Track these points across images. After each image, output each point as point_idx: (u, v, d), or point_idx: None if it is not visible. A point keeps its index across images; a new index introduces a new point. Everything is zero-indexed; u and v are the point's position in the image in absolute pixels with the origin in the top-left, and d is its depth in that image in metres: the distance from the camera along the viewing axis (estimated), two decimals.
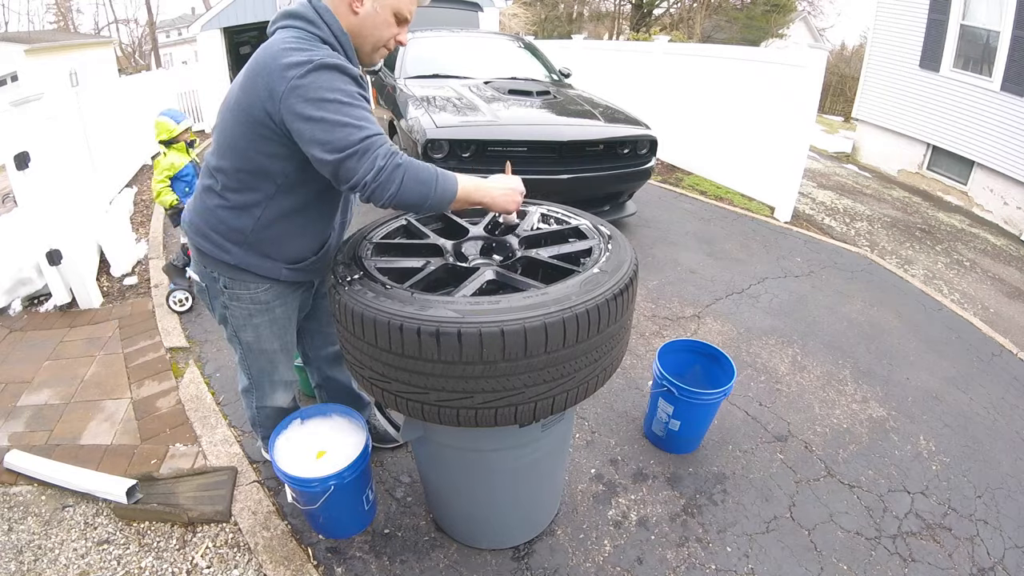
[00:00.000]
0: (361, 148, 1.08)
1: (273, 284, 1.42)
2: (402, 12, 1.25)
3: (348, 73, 1.14)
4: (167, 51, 28.19)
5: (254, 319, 1.46)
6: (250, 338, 1.51)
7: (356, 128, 1.09)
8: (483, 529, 1.68)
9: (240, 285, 1.40)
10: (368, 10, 1.22)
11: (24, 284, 3.12)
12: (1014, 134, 5.69)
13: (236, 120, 1.19)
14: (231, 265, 1.35)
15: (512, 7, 18.57)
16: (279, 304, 1.47)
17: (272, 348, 1.55)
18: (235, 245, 1.33)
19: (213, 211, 1.31)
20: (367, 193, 1.12)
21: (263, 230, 1.31)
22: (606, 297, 1.11)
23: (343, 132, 1.08)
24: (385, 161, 1.10)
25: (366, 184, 1.10)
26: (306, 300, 1.61)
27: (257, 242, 1.33)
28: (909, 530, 1.86)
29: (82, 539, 1.73)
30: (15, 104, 2.71)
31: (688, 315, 3.12)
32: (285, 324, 1.53)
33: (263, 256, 1.35)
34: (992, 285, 4.16)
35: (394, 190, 1.11)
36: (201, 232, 1.35)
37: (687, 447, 2.12)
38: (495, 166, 3.34)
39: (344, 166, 1.09)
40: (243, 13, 9.78)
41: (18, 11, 29.37)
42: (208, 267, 1.39)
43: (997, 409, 2.55)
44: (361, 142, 1.09)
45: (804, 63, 4.38)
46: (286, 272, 1.40)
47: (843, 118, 14.18)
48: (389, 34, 1.27)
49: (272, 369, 1.61)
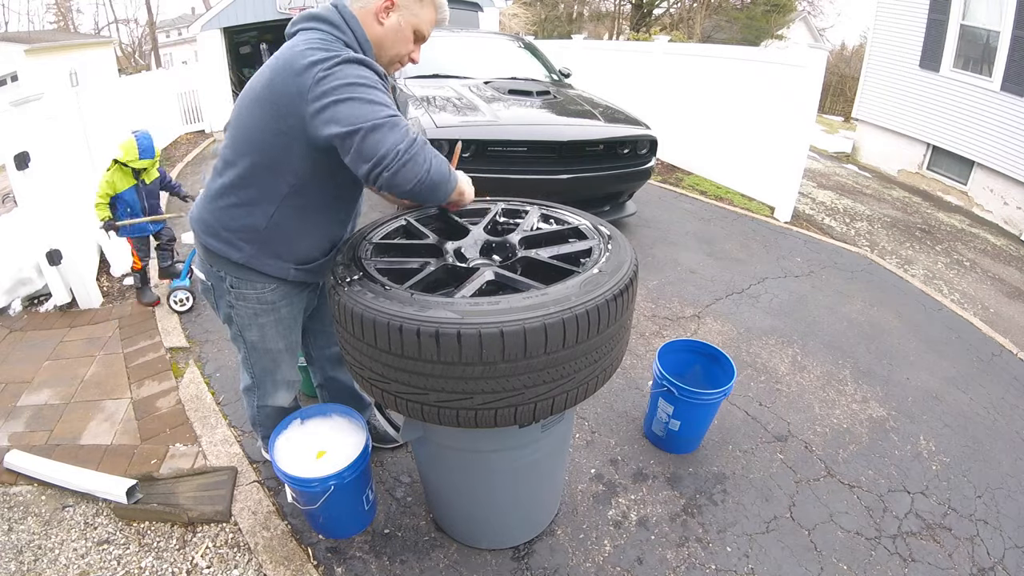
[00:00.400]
0: (391, 122, 1.07)
1: (280, 284, 1.42)
2: (422, 31, 1.30)
3: (374, 68, 1.15)
4: (167, 51, 28.18)
5: (260, 319, 1.46)
6: (255, 337, 1.50)
7: (385, 106, 1.09)
8: (483, 529, 1.68)
9: (247, 285, 1.39)
10: (393, 23, 1.25)
11: (24, 284, 3.12)
12: (1014, 134, 5.69)
13: (256, 114, 1.19)
14: (239, 264, 1.35)
15: (512, 7, 18.56)
16: (285, 304, 1.47)
17: (277, 348, 1.55)
18: (247, 243, 1.32)
19: (225, 209, 1.31)
20: (396, 166, 1.05)
21: (275, 228, 1.30)
22: (606, 298, 1.11)
23: (371, 108, 1.07)
24: (414, 138, 1.09)
25: (398, 154, 1.05)
26: (312, 300, 1.61)
27: (269, 240, 1.32)
28: (909, 530, 1.86)
29: (82, 539, 1.73)
30: (15, 104, 2.71)
31: (688, 315, 3.12)
32: (291, 324, 1.53)
33: (274, 256, 1.35)
34: (992, 285, 4.16)
35: (428, 166, 1.10)
36: (211, 230, 1.34)
37: (687, 447, 2.12)
38: (495, 166, 3.38)
39: (371, 137, 1.05)
40: (243, 13, 9.78)
41: (18, 11, 29.38)
42: (215, 266, 1.39)
43: (997, 409, 2.55)
44: (390, 117, 1.08)
45: (804, 63, 4.38)
46: (294, 272, 1.40)
47: (843, 118, 14.18)
48: (406, 50, 1.30)
49: (275, 368, 1.61)
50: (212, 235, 1.34)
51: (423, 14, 1.28)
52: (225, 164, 1.28)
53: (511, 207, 1.64)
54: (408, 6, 1.26)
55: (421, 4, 1.27)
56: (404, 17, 1.25)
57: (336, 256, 1.34)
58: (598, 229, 1.46)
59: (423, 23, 1.29)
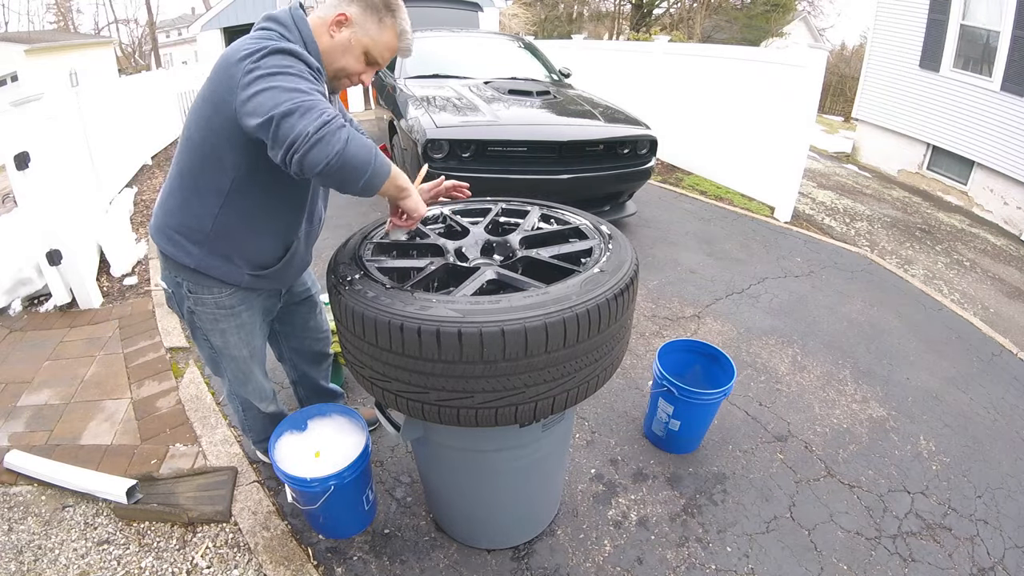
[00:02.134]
0: (304, 106, 1.01)
1: (236, 289, 1.42)
2: (372, 54, 1.26)
3: (302, 58, 1.12)
4: (167, 51, 28.21)
5: (220, 324, 1.46)
6: (219, 343, 1.51)
7: (302, 92, 1.04)
8: (483, 529, 1.68)
9: (204, 290, 1.40)
10: (343, 39, 1.23)
11: (24, 284, 3.11)
12: (1014, 134, 5.69)
13: (200, 110, 1.20)
14: (192, 269, 1.35)
15: (512, 7, 18.56)
16: (245, 309, 1.47)
17: (241, 355, 1.55)
18: (195, 245, 1.32)
19: (174, 212, 1.32)
20: (306, 147, 0.99)
21: (222, 228, 1.30)
22: (607, 297, 1.11)
23: (286, 95, 1.02)
24: (331, 118, 1.02)
25: (307, 136, 0.99)
26: (272, 305, 1.60)
27: (217, 242, 1.32)
28: (909, 530, 1.86)
29: (82, 539, 1.73)
30: (15, 104, 2.71)
31: (688, 315, 3.12)
32: (252, 330, 1.53)
33: (223, 258, 1.35)
34: (992, 285, 4.16)
35: (340, 147, 1.01)
36: (164, 234, 1.35)
37: (687, 447, 2.12)
38: (495, 166, 3.38)
39: (284, 123, 1.00)
40: (243, 13, 9.80)
41: (18, 11, 29.42)
42: (171, 271, 1.40)
43: (997, 409, 2.55)
44: (303, 102, 1.02)
45: (804, 63, 4.38)
46: (248, 278, 1.39)
47: (843, 118, 14.19)
48: (355, 68, 1.27)
49: (247, 376, 1.62)
50: (165, 238, 1.35)
51: (380, 37, 1.24)
52: (175, 163, 1.30)
53: (511, 207, 1.64)
54: (363, 25, 1.22)
55: (380, 27, 1.23)
56: (356, 35, 1.23)
57: (337, 256, 1.34)
58: (598, 229, 1.46)
59: (378, 46, 1.25)
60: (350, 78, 1.30)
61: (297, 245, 1.45)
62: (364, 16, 1.22)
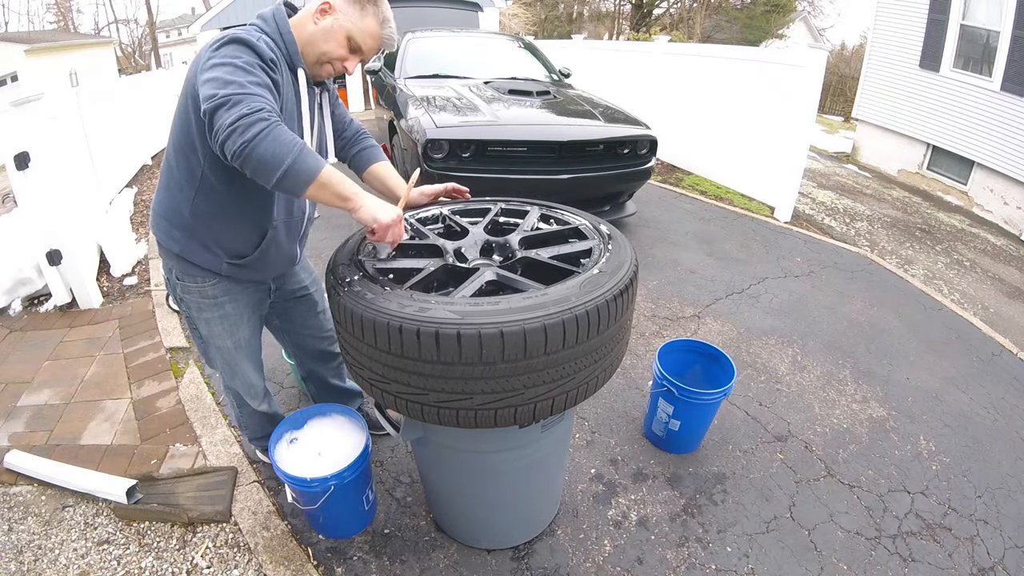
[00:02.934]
0: (235, 99, 1.05)
1: (220, 279, 1.45)
2: (356, 40, 1.29)
3: (255, 49, 1.15)
4: (167, 51, 28.18)
5: (204, 313, 1.50)
6: (205, 332, 1.55)
7: (240, 87, 1.07)
8: (483, 529, 1.68)
9: (189, 278, 1.44)
10: (325, 24, 1.27)
11: (24, 284, 3.11)
12: (1014, 134, 5.69)
13: (180, 103, 1.25)
14: (177, 255, 1.40)
15: (512, 7, 18.55)
16: (228, 300, 1.50)
17: (225, 345, 1.57)
18: (178, 231, 1.37)
19: (162, 199, 1.39)
20: (223, 136, 1.03)
21: (198, 214, 1.34)
22: (606, 298, 1.11)
23: (223, 87, 1.06)
24: (251, 111, 1.04)
25: (225, 127, 1.02)
26: (260, 299, 1.60)
27: (195, 228, 1.36)
28: (909, 530, 1.86)
29: (82, 539, 1.73)
30: (15, 104, 2.72)
31: (688, 315, 3.12)
32: (236, 322, 1.55)
33: (202, 246, 1.38)
34: (992, 285, 4.16)
35: (249, 137, 1.02)
36: (154, 219, 1.42)
37: (687, 447, 2.12)
38: (495, 166, 3.38)
39: (217, 115, 1.04)
40: (243, 13, 9.79)
41: (18, 11, 29.42)
42: (164, 258, 1.47)
43: (997, 409, 2.55)
44: (235, 94, 1.05)
45: (804, 63, 4.38)
46: (227, 267, 1.42)
47: (843, 118, 14.18)
48: (337, 53, 1.30)
49: (233, 370, 1.64)
50: (155, 225, 1.41)
51: (362, 24, 1.28)
52: (165, 157, 1.36)
53: (511, 207, 1.64)
54: (346, 12, 1.27)
55: (362, 13, 1.27)
56: (339, 21, 1.27)
57: (336, 256, 1.34)
58: (598, 229, 1.46)
59: (360, 33, 1.28)
60: (333, 64, 1.32)
61: (274, 235, 1.43)
62: (346, 4, 1.27)
